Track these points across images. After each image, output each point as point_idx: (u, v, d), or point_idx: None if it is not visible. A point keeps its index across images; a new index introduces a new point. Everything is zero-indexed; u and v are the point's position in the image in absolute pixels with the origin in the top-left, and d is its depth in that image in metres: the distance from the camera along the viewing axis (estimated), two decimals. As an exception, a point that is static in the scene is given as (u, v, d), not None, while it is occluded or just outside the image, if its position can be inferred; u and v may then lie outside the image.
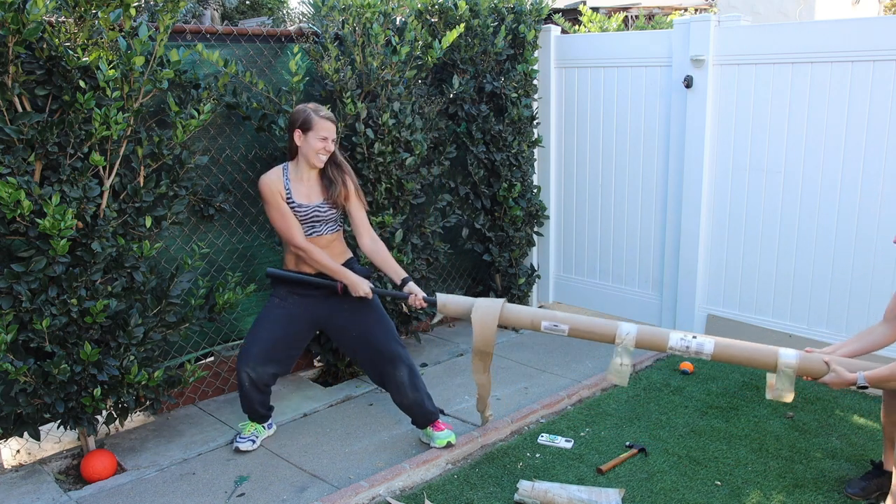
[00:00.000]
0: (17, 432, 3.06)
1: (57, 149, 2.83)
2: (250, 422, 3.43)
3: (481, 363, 3.12)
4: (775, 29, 4.00)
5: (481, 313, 2.98)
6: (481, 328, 2.98)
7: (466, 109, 4.56)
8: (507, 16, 4.56)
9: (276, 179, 3.14)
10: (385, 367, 3.25)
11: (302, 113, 3.08)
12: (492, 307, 3.00)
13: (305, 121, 3.06)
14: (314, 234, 3.18)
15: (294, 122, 3.09)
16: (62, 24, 2.84)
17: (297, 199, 3.14)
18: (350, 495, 2.94)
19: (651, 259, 4.73)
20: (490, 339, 3.00)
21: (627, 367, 2.86)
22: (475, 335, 3.00)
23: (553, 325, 2.90)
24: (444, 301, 3.10)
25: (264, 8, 12.78)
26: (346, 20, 3.80)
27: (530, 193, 4.93)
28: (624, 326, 2.85)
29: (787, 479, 3.07)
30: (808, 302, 4.07)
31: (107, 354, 3.05)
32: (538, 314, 2.97)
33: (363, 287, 3.18)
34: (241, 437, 3.37)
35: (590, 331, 2.91)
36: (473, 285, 5.16)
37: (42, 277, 2.84)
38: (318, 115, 3.07)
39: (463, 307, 3.07)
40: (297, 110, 3.11)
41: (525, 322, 2.98)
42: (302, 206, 3.13)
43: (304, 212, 3.14)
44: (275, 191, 3.11)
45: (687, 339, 2.80)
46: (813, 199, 3.98)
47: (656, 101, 4.50)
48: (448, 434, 3.30)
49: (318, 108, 3.11)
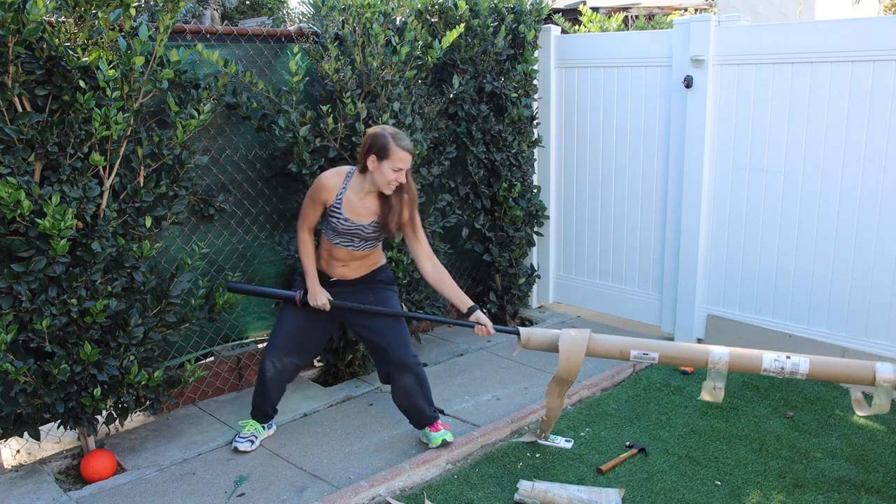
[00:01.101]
0: (17, 432, 3.06)
1: (57, 149, 2.83)
2: (251, 420, 3.43)
3: (558, 388, 3.05)
4: (775, 29, 4.00)
5: (568, 345, 2.89)
6: (568, 360, 2.89)
7: (466, 109, 4.56)
8: (507, 16, 4.56)
9: (332, 187, 3.06)
10: (391, 370, 3.25)
11: (381, 139, 2.93)
12: (579, 339, 2.91)
13: (383, 148, 2.92)
14: (350, 247, 3.13)
15: (370, 146, 2.95)
16: (62, 24, 2.84)
17: (346, 213, 3.06)
18: (350, 495, 2.94)
19: (651, 259, 4.73)
20: (575, 371, 2.92)
21: (720, 391, 2.81)
22: (561, 365, 2.91)
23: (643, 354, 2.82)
24: (527, 335, 2.99)
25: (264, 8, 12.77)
26: (346, 20, 3.80)
27: (530, 193, 4.93)
28: (716, 351, 2.79)
29: (787, 479, 3.07)
30: (808, 302, 4.07)
31: (107, 354, 3.05)
32: (626, 343, 2.88)
33: (320, 298, 3.15)
34: (240, 437, 3.37)
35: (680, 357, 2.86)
36: (473, 285, 5.16)
37: (42, 277, 2.84)
38: (397, 144, 2.93)
39: (548, 340, 2.96)
40: (375, 134, 2.96)
41: (614, 352, 2.89)
42: (348, 222, 3.06)
43: (349, 227, 3.07)
44: (320, 193, 3.07)
45: (781, 359, 2.74)
46: (813, 199, 3.97)
47: (656, 101, 4.50)
48: (443, 433, 3.30)
49: (398, 135, 2.96)
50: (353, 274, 3.24)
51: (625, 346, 2.89)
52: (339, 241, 3.13)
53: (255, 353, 4.04)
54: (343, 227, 3.08)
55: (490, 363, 4.36)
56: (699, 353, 2.84)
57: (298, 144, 3.62)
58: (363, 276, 3.26)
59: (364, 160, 2.99)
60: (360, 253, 3.18)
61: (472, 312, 3.15)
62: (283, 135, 3.62)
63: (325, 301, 3.16)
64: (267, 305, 4.02)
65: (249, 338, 4.03)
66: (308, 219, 3.16)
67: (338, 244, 3.14)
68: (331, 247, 3.18)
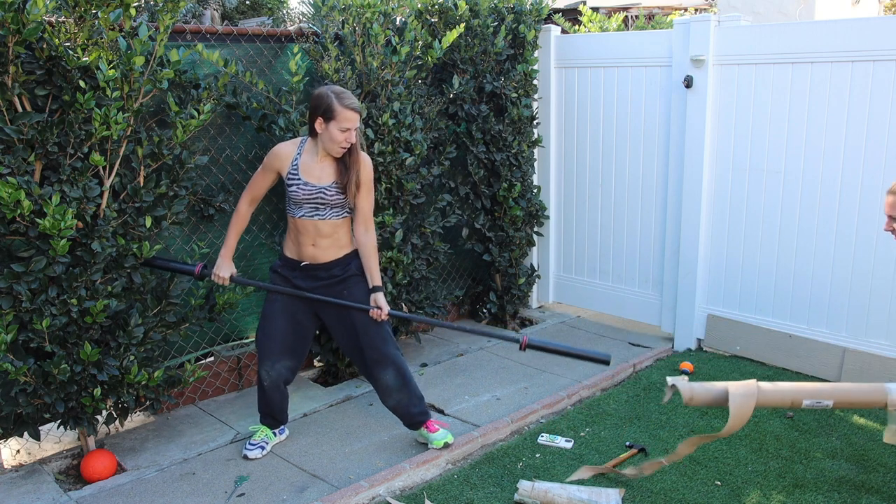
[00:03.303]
0: (17, 432, 3.06)
1: (57, 149, 2.83)
2: (261, 426, 3.38)
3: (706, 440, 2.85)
4: (775, 29, 4.00)
5: (740, 403, 2.66)
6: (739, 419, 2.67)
7: (466, 109, 4.56)
8: (507, 16, 4.56)
9: (286, 154, 3.05)
10: (370, 366, 3.20)
11: (325, 99, 2.89)
12: (749, 394, 2.68)
13: (328, 109, 2.88)
14: (316, 216, 3.03)
15: (316, 108, 2.92)
16: (62, 24, 2.84)
17: (304, 177, 3.01)
18: (350, 495, 2.94)
19: (651, 259, 4.73)
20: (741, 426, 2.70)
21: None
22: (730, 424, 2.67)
23: (816, 403, 2.63)
24: (690, 394, 2.68)
25: (264, 8, 12.77)
26: (346, 20, 3.80)
27: (530, 193, 4.93)
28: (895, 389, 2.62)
29: (787, 479, 3.07)
30: (808, 302, 4.06)
31: (107, 354, 3.05)
32: (798, 393, 2.67)
33: (223, 271, 3.12)
34: (250, 444, 3.31)
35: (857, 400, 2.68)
36: (473, 285, 5.16)
37: (42, 277, 2.84)
38: (341, 103, 2.88)
39: (714, 396, 2.71)
40: (319, 95, 2.92)
41: (785, 402, 2.69)
42: (308, 185, 3.00)
43: (310, 191, 3.00)
44: (273, 161, 3.06)
45: None
46: (813, 199, 3.97)
47: (656, 101, 4.50)
48: (444, 434, 3.28)
49: (342, 94, 2.90)
50: (323, 255, 3.10)
51: (796, 397, 2.67)
52: (304, 212, 3.03)
53: (255, 353, 4.04)
54: (304, 193, 3.00)
55: (490, 363, 4.36)
56: (877, 394, 2.62)
57: (298, 144, 3.62)
58: (334, 260, 3.12)
59: (312, 123, 2.97)
60: (328, 227, 3.05)
61: (374, 291, 3.11)
62: (283, 135, 3.62)
63: (227, 276, 3.12)
64: (267, 305, 4.02)
65: (249, 338, 4.03)
66: (252, 188, 3.13)
67: (302, 216, 3.03)
68: (296, 223, 3.07)
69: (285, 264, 3.18)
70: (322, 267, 3.12)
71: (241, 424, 3.60)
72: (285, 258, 3.18)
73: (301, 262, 3.13)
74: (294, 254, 3.14)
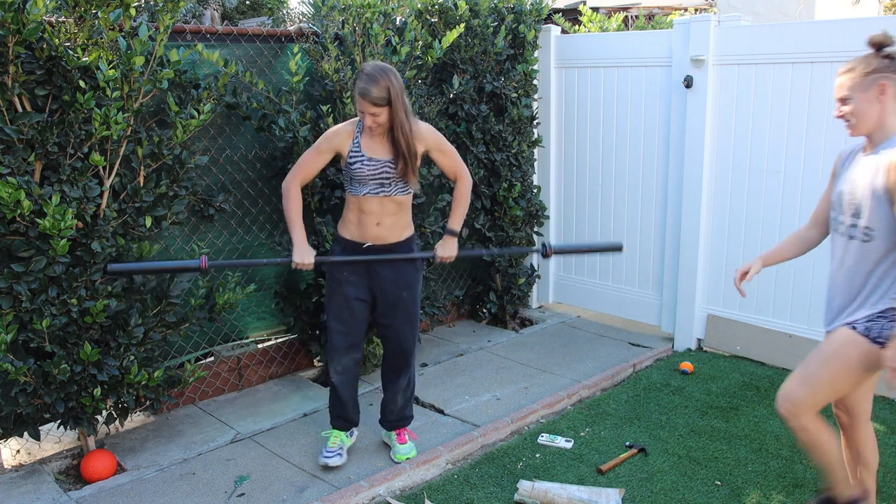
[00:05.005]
0: (17, 432, 3.06)
1: (57, 149, 2.83)
2: (334, 431, 3.30)
3: None
4: (775, 29, 4.00)
5: None
6: None
7: (466, 109, 4.56)
8: (507, 16, 4.56)
9: (346, 133, 2.93)
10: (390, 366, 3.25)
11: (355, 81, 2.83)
12: None
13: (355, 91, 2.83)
14: (382, 192, 2.92)
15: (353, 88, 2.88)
16: (62, 24, 2.84)
17: (367, 153, 2.90)
18: (350, 495, 2.94)
19: (651, 259, 4.73)
20: None
21: None
22: None
23: None
24: None
25: (264, 8, 12.78)
26: (346, 20, 3.80)
27: (530, 193, 4.93)
28: None
29: (787, 479, 3.07)
30: (808, 302, 4.06)
31: (107, 354, 3.05)
32: None
33: (306, 257, 2.91)
34: (327, 451, 3.20)
35: None
36: (473, 285, 5.16)
37: (42, 277, 2.84)
38: (357, 88, 2.79)
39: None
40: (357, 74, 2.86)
41: None
42: (373, 161, 2.89)
43: (374, 166, 2.89)
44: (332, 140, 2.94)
45: None
46: (813, 199, 3.96)
47: (656, 101, 4.50)
48: (409, 449, 3.24)
49: (361, 75, 2.80)
50: (388, 235, 3.00)
51: None
52: (369, 189, 2.92)
53: (255, 353, 4.04)
54: (369, 169, 2.89)
55: (490, 363, 4.36)
56: None
57: (298, 144, 3.62)
58: (399, 242, 3.04)
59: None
60: (392, 205, 2.96)
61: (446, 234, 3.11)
62: (283, 135, 3.62)
63: (311, 262, 2.92)
64: (267, 306, 4.03)
65: (249, 338, 4.03)
66: (304, 169, 2.98)
67: (367, 194, 2.92)
68: (359, 202, 2.95)
69: (345, 248, 3.04)
70: (386, 249, 3.02)
71: (241, 424, 3.60)
72: (344, 241, 3.04)
73: (364, 243, 3.01)
74: (356, 235, 3.01)
